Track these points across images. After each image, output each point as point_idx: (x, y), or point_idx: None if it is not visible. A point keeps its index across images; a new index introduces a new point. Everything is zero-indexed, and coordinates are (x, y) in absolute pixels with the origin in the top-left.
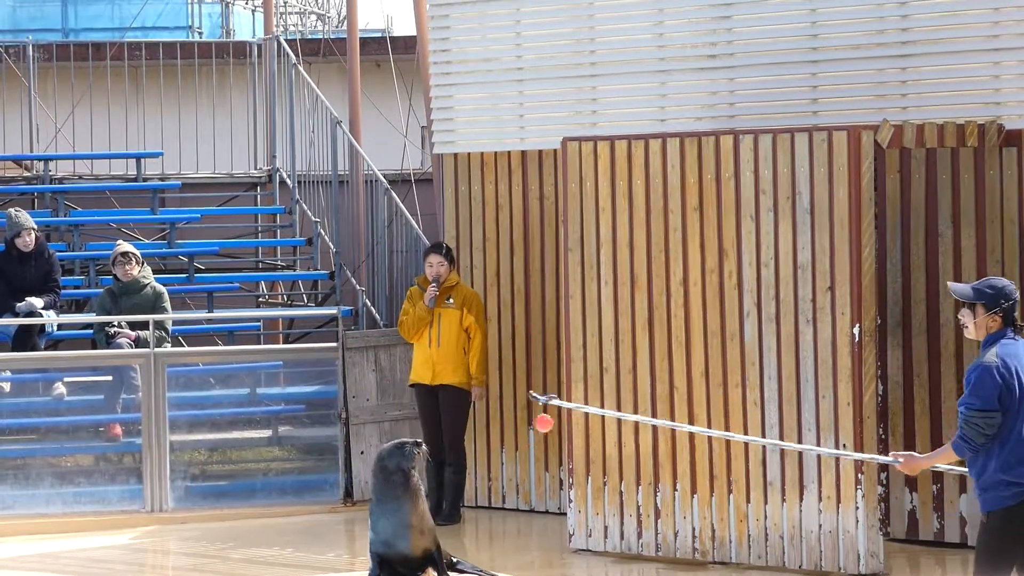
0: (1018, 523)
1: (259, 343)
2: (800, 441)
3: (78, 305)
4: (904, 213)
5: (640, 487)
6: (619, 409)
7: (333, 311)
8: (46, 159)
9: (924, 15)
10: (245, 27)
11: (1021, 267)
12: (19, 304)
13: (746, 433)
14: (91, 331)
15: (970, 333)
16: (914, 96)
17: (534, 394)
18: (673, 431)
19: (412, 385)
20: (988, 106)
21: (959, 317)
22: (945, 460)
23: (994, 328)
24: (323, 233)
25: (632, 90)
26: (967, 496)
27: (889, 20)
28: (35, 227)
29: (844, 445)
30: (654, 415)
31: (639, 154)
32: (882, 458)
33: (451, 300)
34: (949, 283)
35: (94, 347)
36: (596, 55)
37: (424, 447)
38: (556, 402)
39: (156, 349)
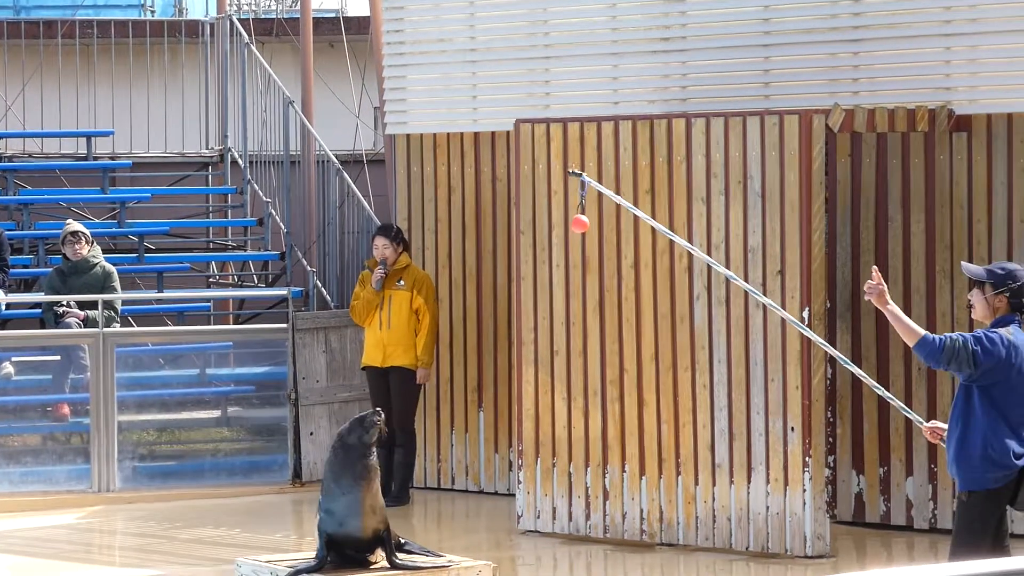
0: (997, 504)
1: (209, 323)
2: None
3: (27, 284)
4: (854, 197)
5: (589, 469)
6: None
7: (283, 292)
8: None
9: (876, 0)
10: (198, 6)
11: (970, 252)
12: None
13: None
14: (40, 311)
15: (976, 314)
16: (866, 81)
17: (573, 169)
18: (622, 412)
19: (364, 368)
20: (939, 91)
21: (968, 298)
22: (906, 331)
23: (1000, 310)
24: (274, 213)
25: (585, 73)
26: (913, 479)
27: (841, 5)
28: None
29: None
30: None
31: (591, 137)
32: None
33: (402, 282)
34: (962, 263)
35: (43, 327)
36: (549, 37)
37: (382, 414)
38: (590, 182)
39: (105, 329)
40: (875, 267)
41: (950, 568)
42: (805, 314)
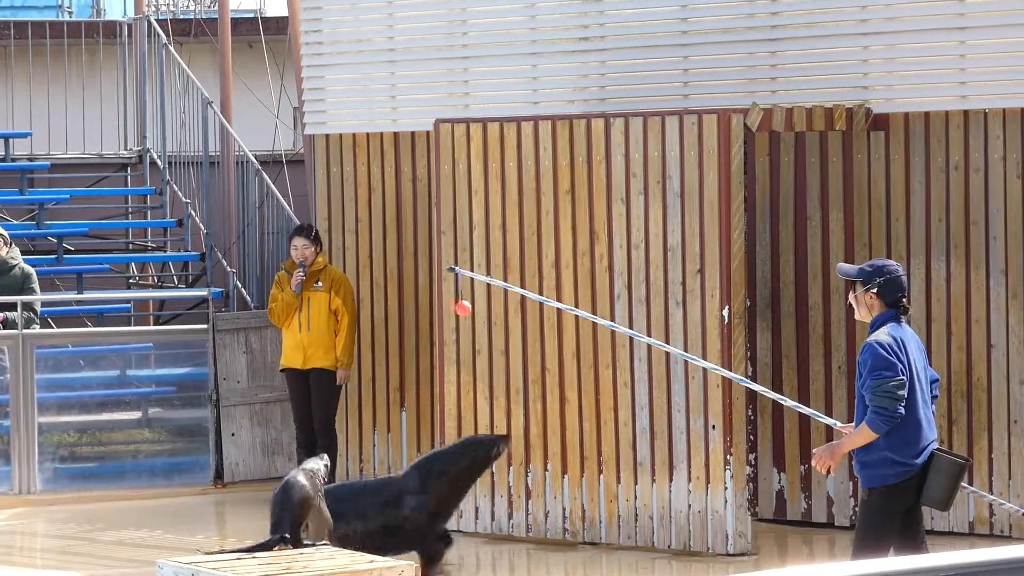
0: (899, 502)
1: (129, 325)
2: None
3: None
4: (773, 196)
5: (511, 468)
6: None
7: (203, 293)
8: None
9: (794, 0)
10: (116, 7)
11: (888, 250)
12: None
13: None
14: None
15: (857, 314)
16: (784, 80)
17: (454, 267)
18: (544, 411)
19: (283, 370)
20: (856, 90)
21: (849, 300)
22: (862, 440)
23: (877, 309)
24: (194, 214)
25: (504, 72)
26: (833, 477)
27: (759, 4)
28: None
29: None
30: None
31: (511, 136)
32: (826, 419)
33: (319, 283)
34: (838, 264)
35: None
36: (468, 37)
37: (502, 445)
38: (466, 273)
39: (24, 331)
40: (814, 453)
41: (869, 565)
42: (725, 312)
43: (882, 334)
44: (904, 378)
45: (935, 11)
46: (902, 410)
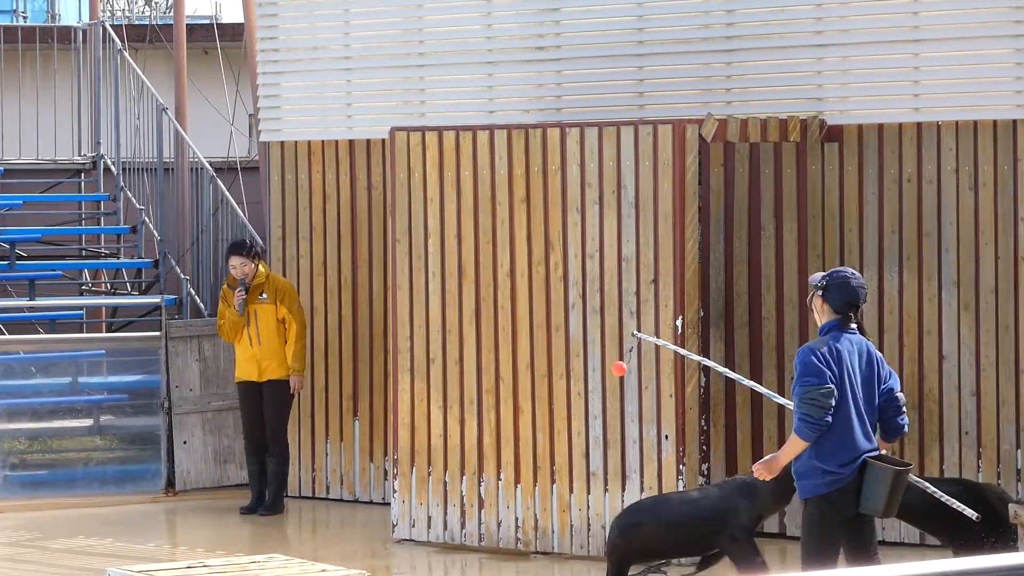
0: (835, 510)
1: (82, 331)
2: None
3: None
4: (728, 207)
5: (464, 477)
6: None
7: (157, 300)
8: None
9: (749, 10)
10: (71, 12)
11: (841, 261)
12: None
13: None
14: None
15: (817, 320)
16: (739, 91)
17: (636, 332)
18: (498, 421)
19: (238, 382)
20: (811, 101)
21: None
22: (794, 450)
23: (826, 315)
24: (148, 221)
25: (460, 81)
26: None
27: (715, 15)
28: None
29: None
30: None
31: (467, 145)
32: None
33: (264, 295)
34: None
35: None
36: (424, 45)
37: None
38: (649, 339)
39: None
40: (753, 468)
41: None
42: (679, 323)
43: (818, 341)
44: (831, 386)
45: (889, 23)
46: (829, 418)
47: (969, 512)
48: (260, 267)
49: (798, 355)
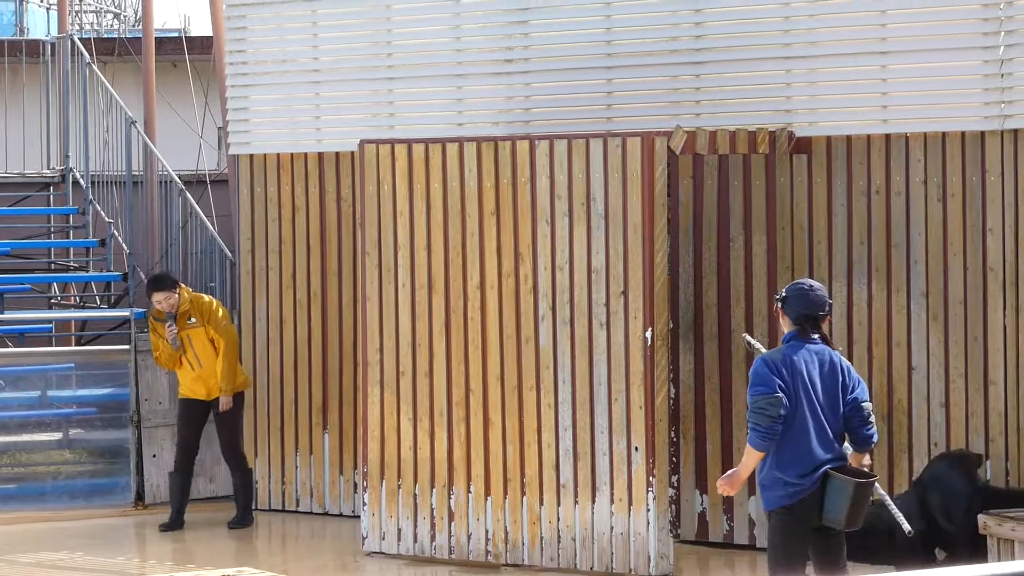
0: (799, 521)
1: (51, 345)
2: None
3: None
4: (696, 219)
5: (434, 489)
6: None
7: (126, 313)
8: None
9: (717, 23)
10: (39, 26)
11: (810, 273)
12: None
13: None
14: None
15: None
16: (707, 103)
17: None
18: (468, 433)
19: (182, 399)
20: (779, 113)
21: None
22: (751, 461)
23: (786, 325)
24: (117, 234)
25: (429, 94)
26: (755, 498)
27: (683, 27)
28: None
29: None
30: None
31: (436, 158)
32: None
33: (192, 320)
34: None
35: None
36: (393, 58)
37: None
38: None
39: None
40: (717, 482)
41: None
42: (648, 334)
43: (774, 351)
44: (780, 395)
45: (857, 35)
46: (778, 427)
47: (906, 526)
48: (183, 293)
49: (752, 365)
